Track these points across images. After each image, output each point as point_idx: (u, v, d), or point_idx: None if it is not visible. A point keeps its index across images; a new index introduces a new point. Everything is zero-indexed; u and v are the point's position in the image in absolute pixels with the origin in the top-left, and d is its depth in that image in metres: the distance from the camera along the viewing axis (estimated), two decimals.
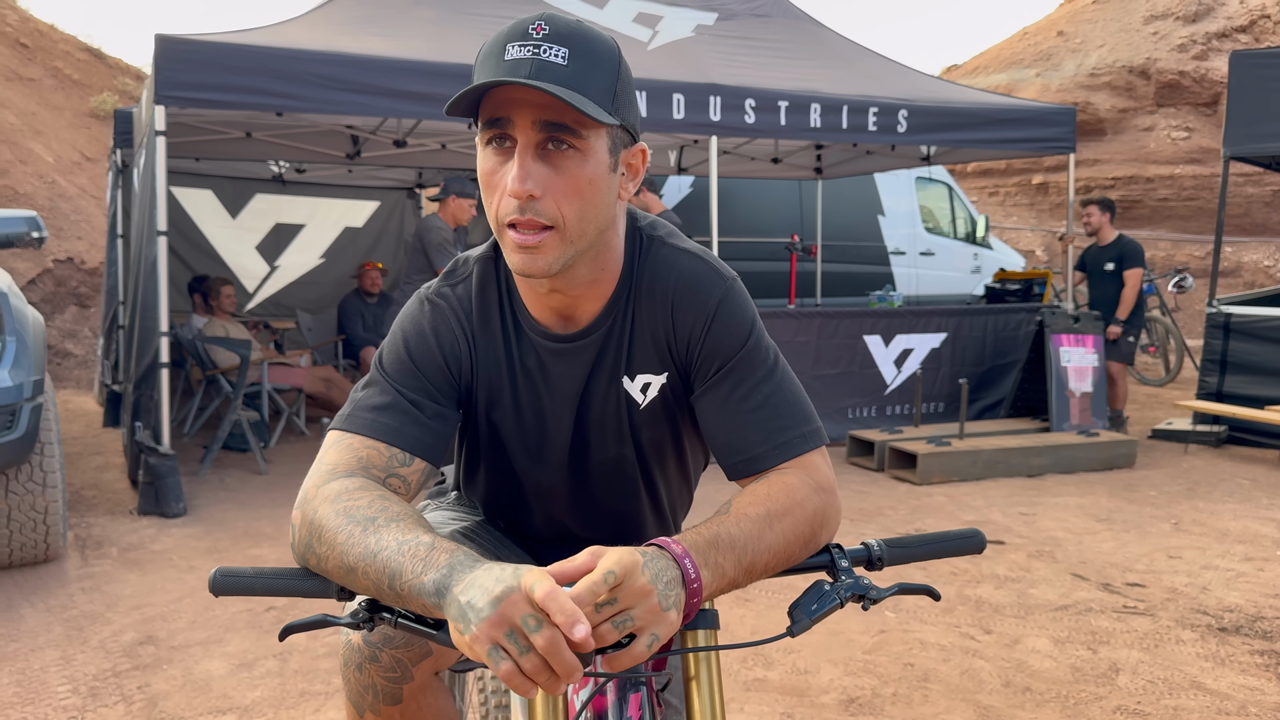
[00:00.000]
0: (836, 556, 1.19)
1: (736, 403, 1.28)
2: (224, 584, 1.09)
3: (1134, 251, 7.57)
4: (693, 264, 1.33)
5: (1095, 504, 5.58)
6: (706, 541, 1.09)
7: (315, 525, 1.12)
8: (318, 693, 3.09)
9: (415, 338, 1.30)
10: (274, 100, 5.32)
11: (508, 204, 1.16)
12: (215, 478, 5.98)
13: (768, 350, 1.31)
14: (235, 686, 3.13)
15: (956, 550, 1.23)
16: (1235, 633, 3.64)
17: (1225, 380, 7.38)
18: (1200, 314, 14.71)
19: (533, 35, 1.13)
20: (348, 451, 1.22)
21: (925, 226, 11.87)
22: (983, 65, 22.05)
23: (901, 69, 7.84)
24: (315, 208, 10.94)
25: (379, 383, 1.28)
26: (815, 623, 1.12)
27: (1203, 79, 18.51)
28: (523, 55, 1.12)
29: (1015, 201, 19.25)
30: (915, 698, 3.09)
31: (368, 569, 1.05)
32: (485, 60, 1.16)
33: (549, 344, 1.33)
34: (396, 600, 1.04)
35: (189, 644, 3.46)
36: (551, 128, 1.14)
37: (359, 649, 1.34)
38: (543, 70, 1.12)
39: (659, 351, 1.34)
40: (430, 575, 1.00)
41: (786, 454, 1.26)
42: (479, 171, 1.20)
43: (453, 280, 1.36)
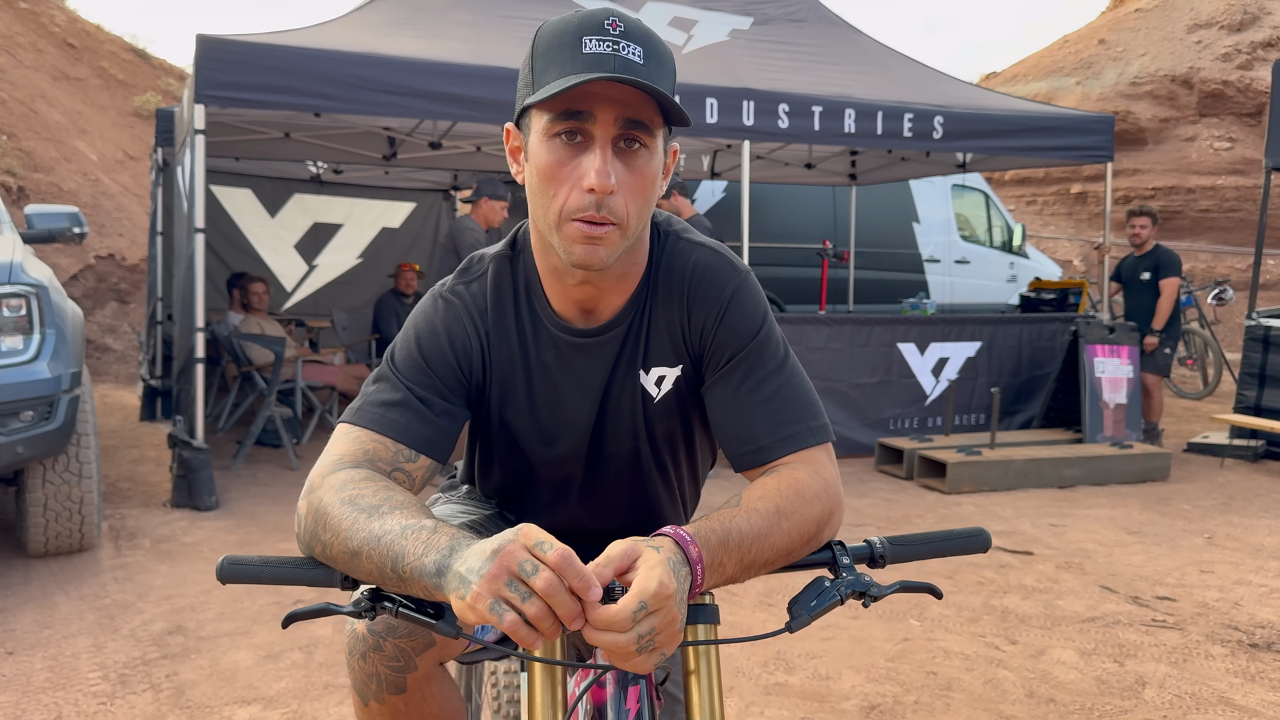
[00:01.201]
0: (838, 553, 1.19)
1: (746, 394, 1.29)
2: (231, 572, 1.10)
3: (1171, 261, 7.47)
4: (707, 256, 1.35)
5: (1127, 516, 5.51)
6: (719, 541, 1.10)
7: (320, 512, 1.14)
8: (342, 685, 3.12)
9: (427, 335, 1.32)
10: (312, 101, 5.39)
11: (580, 198, 1.16)
12: (248, 472, 6.06)
13: (778, 344, 1.32)
14: (261, 677, 3.17)
15: (960, 549, 1.23)
16: (1267, 649, 3.58)
17: (1264, 394, 7.26)
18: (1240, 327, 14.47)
19: (610, 31, 1.14)
20: (354, 444, 1.24)
21: (961, 234, 11.77)
22: (1022, 73, 21.86)
23: (937, 75, 7.80)
24: (353, 208, 11.06)
25: (389, 378, 1.30)
26: (814, 619, 1.12)
27: (1247, 89, 18.21)
28: (603, 50, 1.13)
29: (1053, 210, 19.05)
30: (937, 706, 3.07)
31: (371, 553, 1.06)
32: (556, 50, 1.16)
33: (572, 338, 1.34)
34: (399, 584, 1.05)
35: (217, 635, 3.51)
36: (631, 125, 1.15)
37: (363, 638, 1.36)
38: (625, 66, 1.13)
39: (674, 343, 1.35)
40: (431, 557, 1.01)
41: (793, 446, 1.27)
42: (540, 164, 1.19)
43: (467, 278, 1.37)
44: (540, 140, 1.18)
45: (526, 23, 6.49)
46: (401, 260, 10.86)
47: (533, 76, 1.18)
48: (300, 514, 1.18)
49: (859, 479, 6.29)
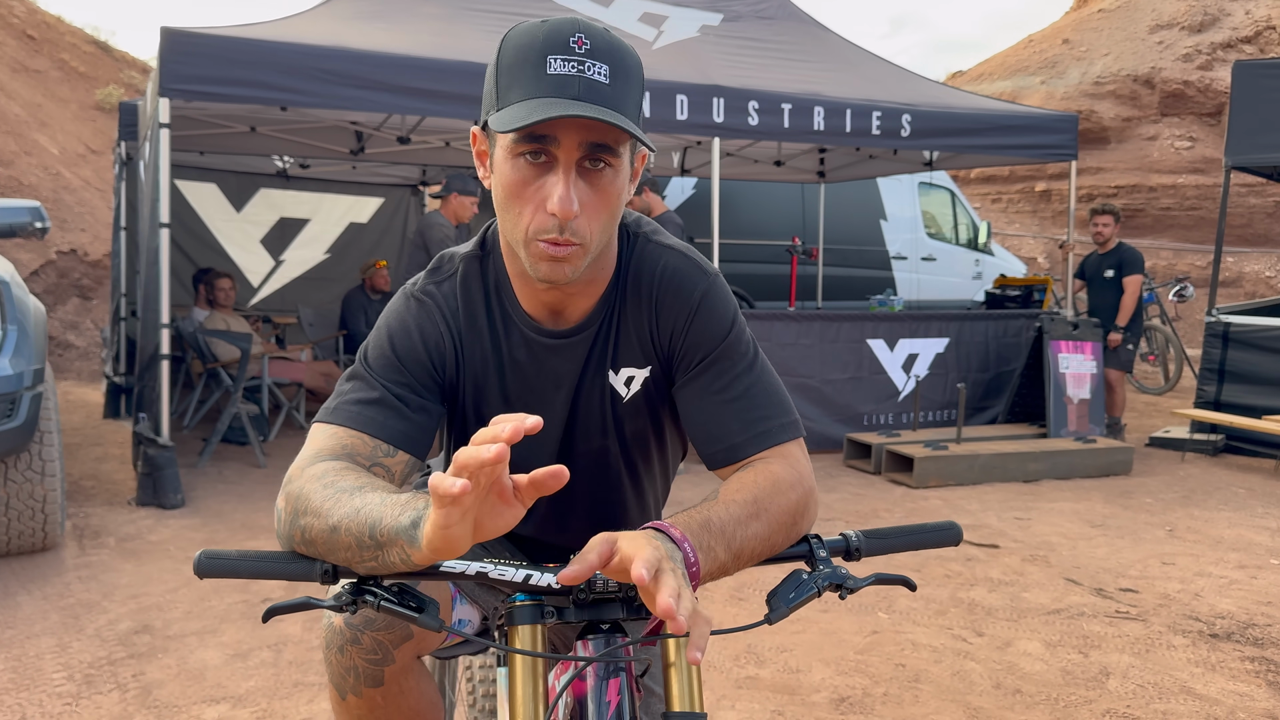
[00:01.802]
0: (815, 546, 1.21)
1: (717, 393, 1.31)
2: (209, 566, 1.10)
3: (1134, 259, 7.58)
4: (676, 260, 1.35)
5: (1090, 510, 5.59)
6: (699, 524, 1.11)
7: (300, 498, 1.13)
8: (311, 684, 3.10)
9: (400, 333, 1.32)
10: (279, 94, 5.34)
11: (544, 220, 1.16)
12: (214, 470, 6.00)
13: (748, 344, 1.34)
14: (229, 676, 3.14)
15: (933, 542, 1.25)
16: (1226, 639, 3.65)
17: (1223, 389, 7.39)
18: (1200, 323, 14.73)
19: (575, 50, 1.13)
20: (332, 440, 1.24)
21: (927, 232, 11.88)
22: (988, 72, 22.07)
23: (904, 73, 7.86)
24: (320, 203, 10.97)
25: (364, 377, 1.30)
26: (792, 610, 1.13)
27: (1207, 89, 18.51)
28: (568, 72, 1.12)
29: (1018, 208, 19.26)
30: (906, 698, 3.11)
31: (350, 525, 1.06)
32: (520, 69, 1.14)
33: (543, 339, 1.35)
34: (376, 552, 1.04)
35: (184, 634, 3.48)
36: (595, 148, 1.15)
37: (340, 631, 1.36)
38: (590, 90, 1.12)
39: (643, 345, 1.36)
40: (408, 514, 1.00)
41: (765, 443, 1.28)
42: (504, 181, 1.18)
43: (438, 277, 1.37)
44: (505, 157, 1.18)
45: (496, 16, 6.47)
46: (370, 256, 10.81)
47: (496, 90, 1.17)
48: (279, 508, 1.18)
49: (828, 474, 6.33)
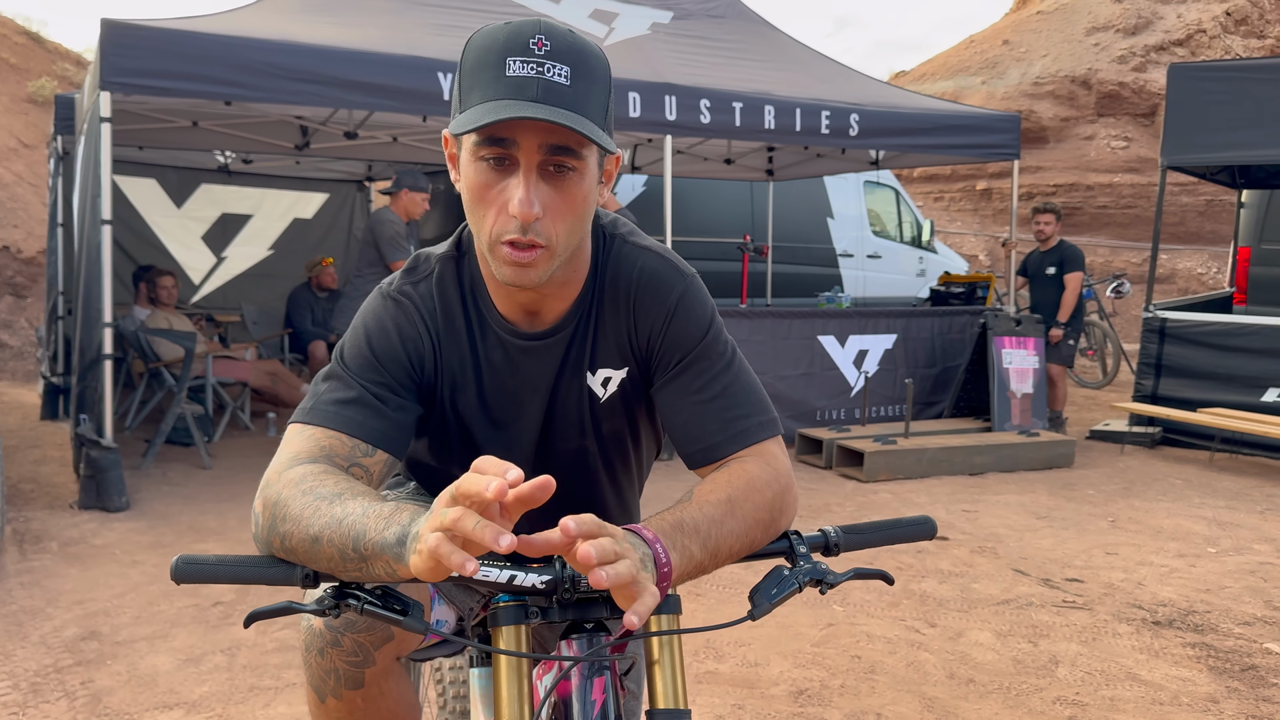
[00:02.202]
0: (795, 542, 1.22)
1: (695, 393, 1.31)
2: (187, 571, 1.08)
3: (1074, 256, 7.76)
4: (653, 261, 1.36)
5: (1035, 502, 5.72)
6: (672, 526, 1.12)
7: (279, 505, 1.12)
8: (267, 687, 3.06)
9: (378, 333, 1.31)
10: (224, 89, 5.24)
11: (506, 222, 1.16)
12: (158, 472, 5.88)
13: (725, 343, 1.35)
14: (182, 681, 3.09)
15: (909, 537, 1.27)
16: (1169, 626, 3.76)
17: (1160, 383, 7.59)
18: (1136, 319, 15.11)
19: (534, 51, 1.12)
20: (310, 441, 1.22)
21: (873, 230, 12.03)
22: (930, 72, 22.40)
23: (852, 73, 7.95)
24: (263, 199, 10.79)
25: (341, 376, 1.28)
26: (775, 606, 1.15)
27: (1141, 90, 18.99)
28: (527, 74, 1.11)
29: (959, 207, 19.58)
30: (862, 689, 3.15)
31: (332, 535, 1.05)
32: (480, 70, 1.14)
33: (518, 341, 1.34)
34: (360, 565, 1.04)
35: (134, 639, 3.41)
36: (556, 150, 1.14)
37: (320, 634, 1.34)
38: (549, 92, 1.11)
39: (620, 346, 1.36)
40: (393, 530, 1.00)
41: (744, 441, 1.29)
42: (469, 184, 1.18)
43: (414, 278, 1.36)
44: (469, 160, 1.17)
45: (446, 11, 6.42)
46: (314, 252, 10.66)
47: (460, 93, 1.17)
48: (256, 512, 1.16)
49: None
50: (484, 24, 5.01)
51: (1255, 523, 5.29)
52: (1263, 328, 7.18)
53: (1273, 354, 7.06)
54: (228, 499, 5.28)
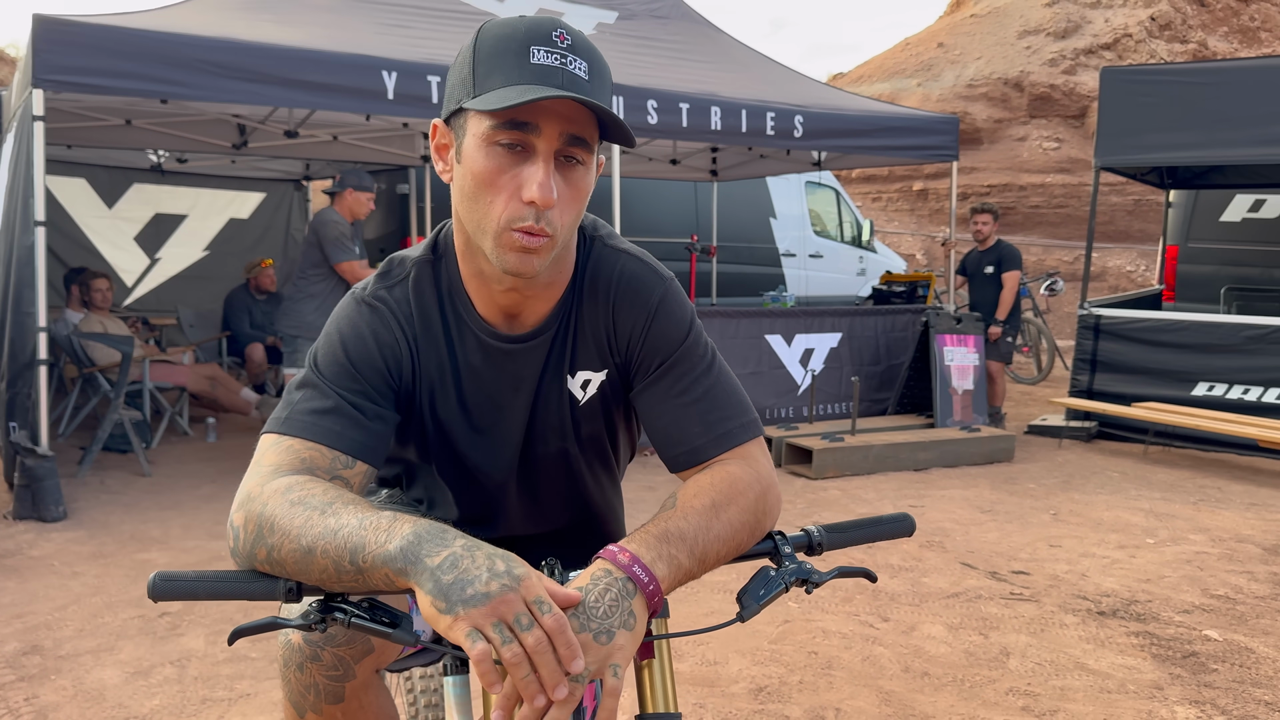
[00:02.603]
0: (779, 543, 1.23)
1: (677, 396, 1.31)
2: (165, 589, 1.04)
3: (1012, 255, 7.93)
4: (632, 264, 1.35)
5: (979, 496, 5.83)
6: (656, 537, 1.12)
7: (265, 518, 1.09)
8: (220, 699, 3.00)
9: (353, 340, 1.28)
10: (161, 87, 5.11)
11: (519, 209, 1.15)
12: (95, 480, 5.72)
13: (706, 346, 1.35)
14: (131, 695, 3.01)
15: (889, 534, 1.29)
16: (1113, 616, 3.86)
17: (1095, 379, 7.79)
18: (1068, 316, 15.49)
19: (558, 44, 1.13)
20: (288, 453, 1.19)
21: (814, 230, 12.18)
22: (867, 74, 22.71)
23: (794, 75, 8.03)
24: (198, 198, 10.59)
25: (316, 385, 1.25)
26: (763, 607, 1.16)
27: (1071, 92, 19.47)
28: (551, 63, 1.12)
29: (897, 207, 19.89)
30: (820, 685, 3.19)
31: (327, 547, 1.03)
32: (501, 56, 1.13)
33: (499, 344, 1.33)
34: (356, 577, 1.02)
35: (78, 653, 3.31)
36: (573, 141, 1.14)
37: (299, 648, 1.32)
38: (573, 82, 1.12)
39: (599, 349, 1.36)
40: (395, 543, 0.99)
41: (726, 444, 1.29)
42: (477, 169, 1.16)
43: (389, 282, 1.34)
44: (478, 145, 1.16)
45: (389, 10, 6.34)
46: (251, 252, 10.48)
47: (474, 79, 1.15)
48: (235, 526, 1.13)
49: None
50: (428, 24, 5.05)
51: (1190, 514, 5.46)
52: (1192, 324, 7.41)
53: (1202, 349, 7.29)
54: (170, 507, 5.16)
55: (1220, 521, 5.29)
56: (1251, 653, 3.50)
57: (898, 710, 3.02)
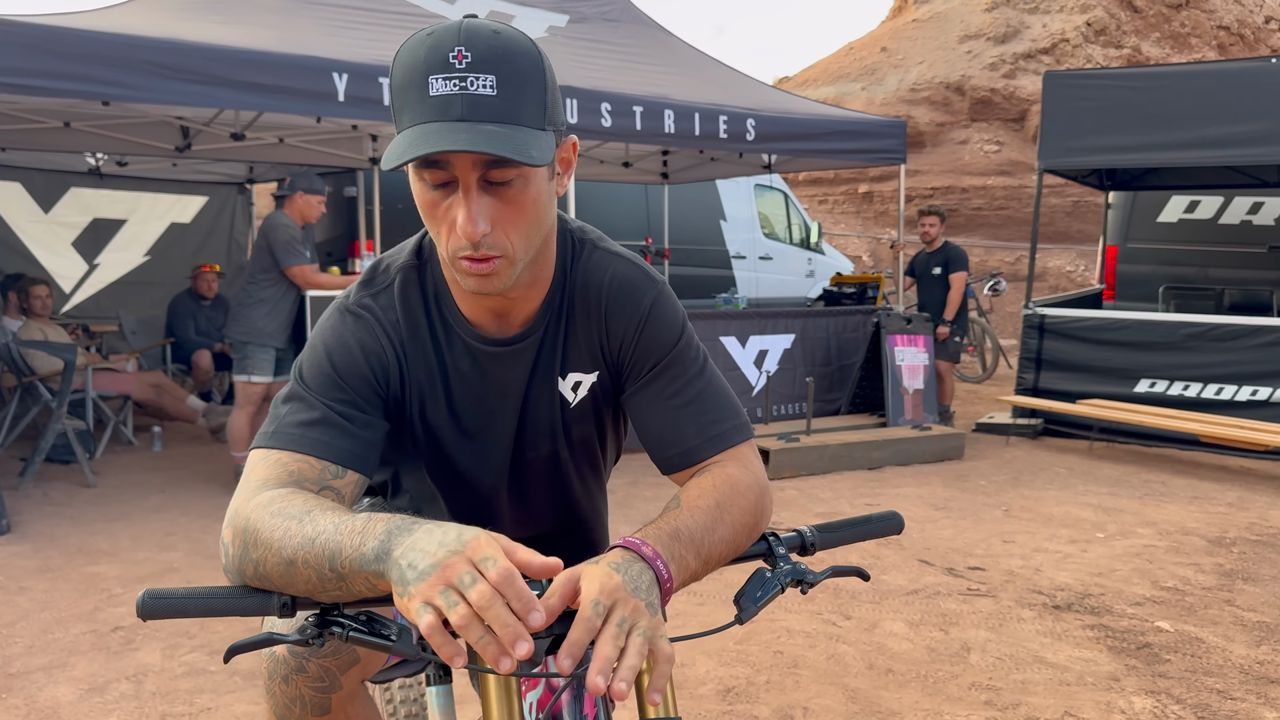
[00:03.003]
0: (774, 544, 1.23)
1: (669, 399, 1.32)
2: (154, 607, 1.02)
3: (959, 257, 8.06)
4: (624, 268, 1.35)
5: (932, 494, 5.91)
6: (669, 536, 1.12)
7: (249, 531, 1.08)
8: (179, 714, 2.93)
9: (339, 350, 1.26)
10: (104, 89, 4.99)
11: (458, 241, 1.13)
12: (38, 491, 5.57)
13: (697, 349, 1.36)
14: (87, 713, 2.93)
15: (880, 532, 1.30)
16: (1068, 610, 3.94)
17: (1041, 377, 7.94)
18: (1010, 315, 15.79)
19: (455, 66, 1.08)
20: (276, 467, 1.17)
21: (763, 232, 12.27)
22: (812, 78, 22.94)
23: (745, 78, 8.08)
24: (138, 202, 10.36)
25: (303, 397, 1.23)
26: (761, 609, 1.16)
27: (1011, 96, 19.86)
28: (450, 91, 1.07)
29: (843, 209, 20.12)
30: (787, 684, 3.21)
31: (307, 556, 1.01)
32: (407, 90, 1.11)
33: (487, 347, 1.32)
34: (339, 585, 1.00)
35: (29, 670, 3.22)
36: (493, 165, 1.10)
37: (284, 661, 1.29)
38: (474, 108, 1.08)
39: (591, 351, 1.36)
40: (370, 544, 0.97)
41: (720, 446, 1.30)
42: (419, 202, 1.15)
43: (373, 289, 1.32)
44: (414, 179, 1.14)
45: (338, 10, 6.27)
46: (193, 257, 10.28)
47: (395, 115, 1.14)
48: (225, 542, 1.11)
49: None
50: (377, 25, 4.99)
51: (1136, 508, 5.59)
52: (1134, 322, 7.59)
53: (1144, 347, 7.48)
54: (118, 518, 5.04)
55: (1166, 515, 5.43)
56: (1202, 642, 3.59)
57: (864, 707, 3.05)
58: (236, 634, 3.56)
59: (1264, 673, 3.33)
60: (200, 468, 6.34)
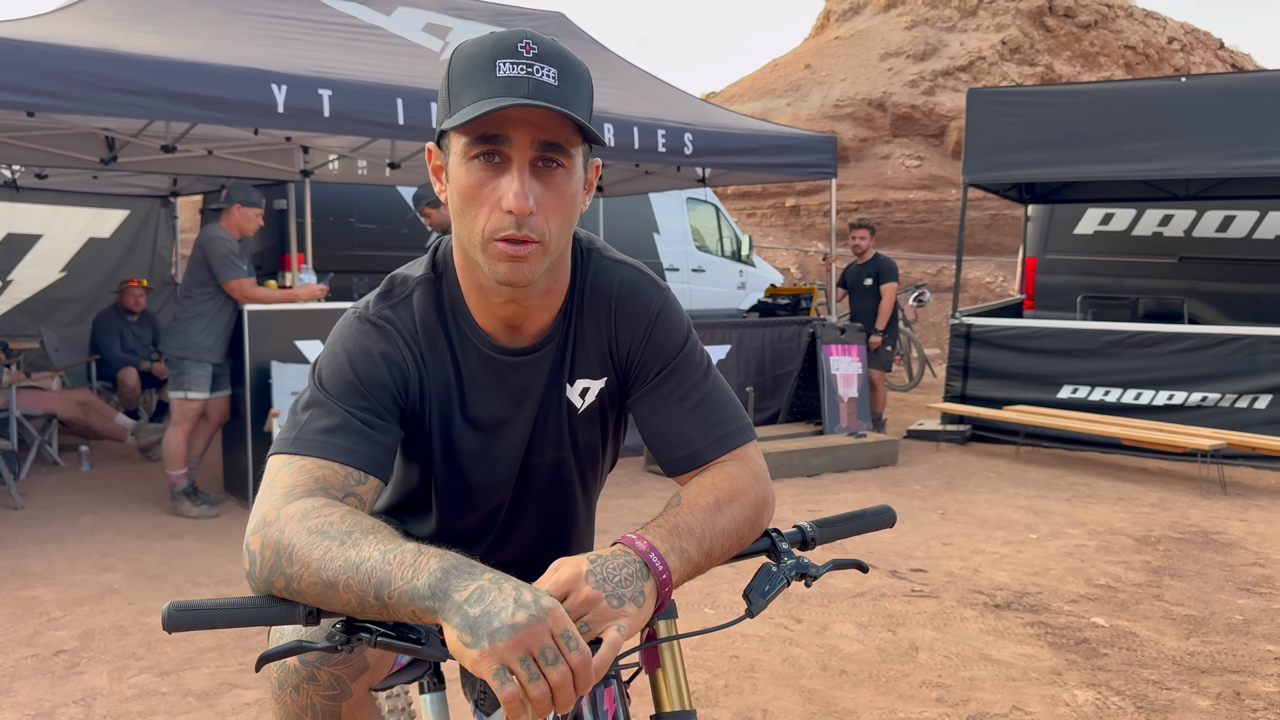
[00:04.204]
0: (776, 540, 1.29)
1: (676, 402, 1.36)
2: (180, 619, 1.02)
3: (889, 268, 8.27)
4: (631, 274, 1.40)
5: (870, 499, 6.05)
6: (669, 530, 1.16)
7: (283, 546, 1.09)
8: None
9: (361, 358, 1.28)
10: (31, 99, 4.85)
11: (500, 219, 1.18)
12: None
13: (701, 354, 1.40)
14: None
15: (874, 526, 1.37)
16: (1008, 608, 4.08)
17: (968, 384, 8.18)
18: (933, 325, 16.19)
19: (523, 54, 1.16)
20: (301, 473, 1.19)
21: (696, 245, 12.41)
22: (739, 94, 23.27)
23: (680, 93, 8.19)
24: (54, 217, 10.05)
25: (323, 403, 1.25)
26: (769, 602, 1.21)
27: (931, 112, 20.40)
28: (517, 74, 1.15)
29: (771, 222, 20.42)
30: (745, 687, 3.27)
31: (350, 581, 1.03)
32: (470, 74, 1.17)
33: (504, 357, 1.35)
34: (381, 611, 1.02)
35: None
36: (547, 146, 1.17)
37: (295, 670, 1.30)
38: (540, 90, 1.15)
39: (600, 357, 1.39)
40: (423, 580, 0.99)
41: (725, 447, 1.35)
42: (460, 186, 1.19)
43: (392, 300, 1.34)
44: (459, 162, 1.19)
45: (272, 21, 6.20)
46: (113, 272, 10.02)
47: (449, 99, 1.19)
48: (253, 550, 1.12)
49: (631, 480, 6.49)
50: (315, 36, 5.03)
51: (1065, 509, 5.80)
52: (1056, 331, 7.88)
53: (1066, 354, 7.76)
54: (50, 540, 4.89)
55: (1094, 516, 5.64)
56: (1136, 636, 3.75)
57: (821, 708, 3.12)
58: (185, 654, 3.49)
59: (1195, 663, 3.49)
60: (132, 487, 6.18)
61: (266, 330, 5.68)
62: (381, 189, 9.62)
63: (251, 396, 5.59)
